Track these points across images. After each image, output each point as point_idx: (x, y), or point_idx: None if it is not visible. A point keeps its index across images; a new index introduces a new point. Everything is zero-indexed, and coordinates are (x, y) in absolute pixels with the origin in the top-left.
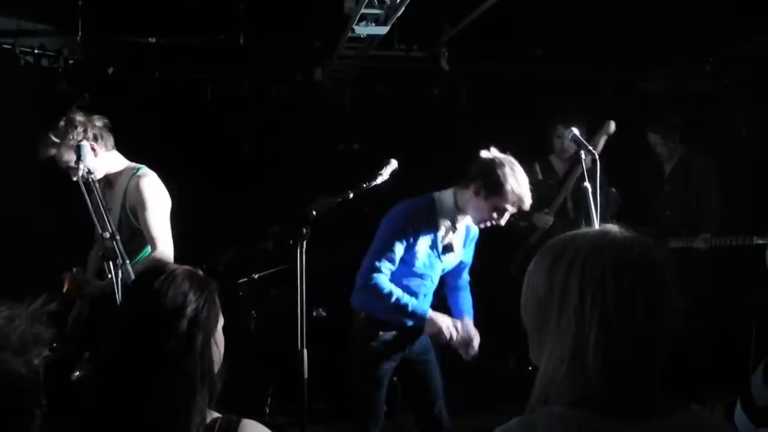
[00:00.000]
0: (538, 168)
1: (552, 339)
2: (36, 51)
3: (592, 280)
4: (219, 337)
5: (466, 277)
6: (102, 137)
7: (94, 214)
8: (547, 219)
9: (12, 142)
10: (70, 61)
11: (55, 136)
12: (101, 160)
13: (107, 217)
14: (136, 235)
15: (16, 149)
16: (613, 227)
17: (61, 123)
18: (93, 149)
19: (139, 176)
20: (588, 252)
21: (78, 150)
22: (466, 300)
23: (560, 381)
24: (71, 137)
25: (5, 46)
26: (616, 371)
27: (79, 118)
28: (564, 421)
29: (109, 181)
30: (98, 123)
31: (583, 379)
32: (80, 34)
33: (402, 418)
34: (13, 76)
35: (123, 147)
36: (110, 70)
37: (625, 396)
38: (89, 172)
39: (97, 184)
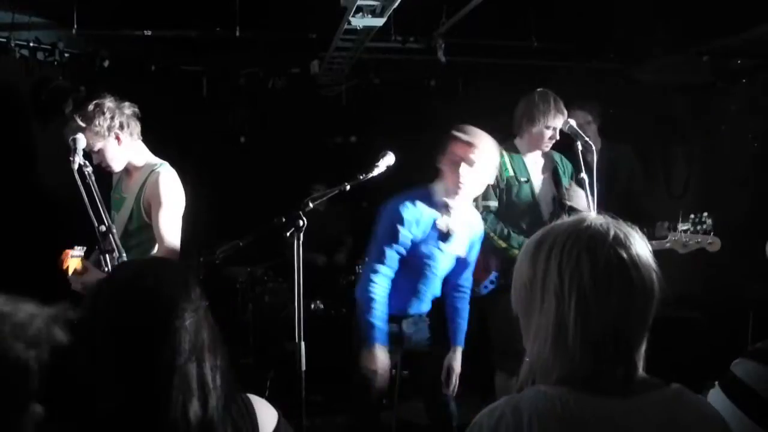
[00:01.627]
0: (507, 161)
1: (536, 321)
2: (31, 44)
3: (569, 261)
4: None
5: (467, 279)
6: (128, 126)
7: (89, 207)
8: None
9: (8, 136)
10: (66, 55)
11: (82, 120)
12: (124, 148)
13: (103, 210)
14: (144, 228)
15: (13, 142)
16: (591, 214)
17: (90, 107)
18: (117, 137)
19: (158, 172)
20: (566, 236)
21: (73, 143)
22: (460, 327)
23: (547, 361)
24: (98, 123)
25: (0, 40)
26: (595, 347)
27: (109, 104)
28: (548, 399)
29: (128, 171)
30: (127, 111)
31: (567, 357)
32: (76, 27)
33: (402, 409)
34: (8, 70)
35: None
36: (106, 63)
37: (605, 373)
38: (85, 165)
39: (92, 177)
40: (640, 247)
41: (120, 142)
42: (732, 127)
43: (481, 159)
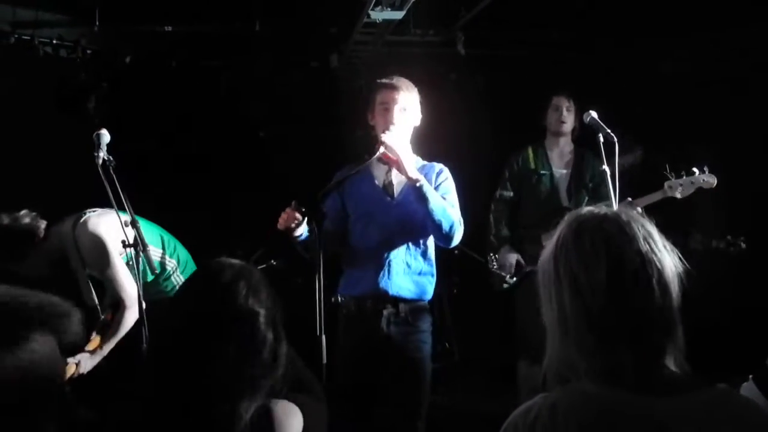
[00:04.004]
0: (531, 155)
1: (548, 311)
2: (54, 41)
3: (579, 257)
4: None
5: None
6: (34, 230)
7: (113, 202)
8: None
9: (32, 132)
10: (88, 51)
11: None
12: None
13: (127, 204)
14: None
15: (37, 139)
16: (613, 208)
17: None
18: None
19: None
20: (581, 230)
21: (97, 138)
22: None
23: (564, 353)
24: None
25: (24, 37)
26: (609, 344)
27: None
28: (585, 396)
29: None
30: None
31: (583, 352)
32: (97, 24)
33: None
34: (32, 67)
35: (140, 135)
36: (127, 60)
37: (624, 372)
38: (109, 160)
39: (113, 173)
40: (661, 244)
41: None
42: (759, 122)
43: (406, 98)
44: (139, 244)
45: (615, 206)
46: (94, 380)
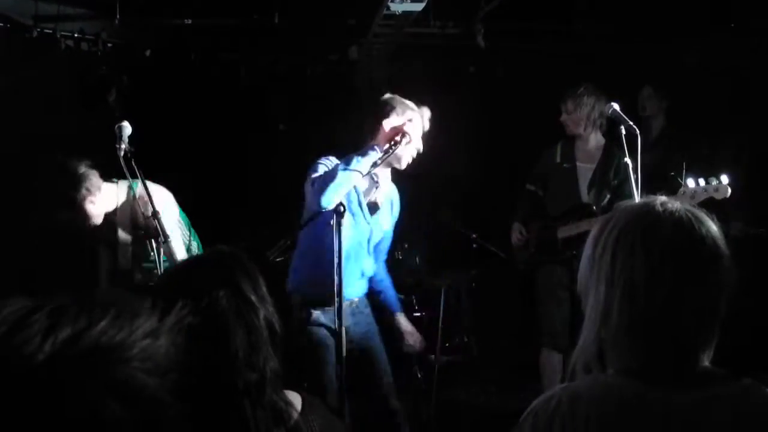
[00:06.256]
0: (559, 149)
1: (590, 302)
2: (76, 35)
3: (623, 249)
4: None
5: (385, 255)
6: (91, 189)
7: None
8: None
9: (54, 125)
10: (109, 45)
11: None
12: (100, 204)
13: (149, 195)
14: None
15: (58, 132)
16: (660, 198)
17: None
18: (92, 202)
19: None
20: (626, 222)
21: (119, 130)
22: (391, 295)
23: (597, 346)
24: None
25: (47, 31)
26: (647, 338)
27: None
28: (608, 388)
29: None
30: (81, 170)
31: (618, 345)
32: (118, 17)
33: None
34: (54, 60)
35: (161, 129)
36: (147, 53)
37: (662, 364)
38: (131, 151)
39: (135, 165)
40: (709, 234)
41: (95, 204)
42: None
43: (416, 129)
44: (160, 235)
45: (637, 200)
46: None
